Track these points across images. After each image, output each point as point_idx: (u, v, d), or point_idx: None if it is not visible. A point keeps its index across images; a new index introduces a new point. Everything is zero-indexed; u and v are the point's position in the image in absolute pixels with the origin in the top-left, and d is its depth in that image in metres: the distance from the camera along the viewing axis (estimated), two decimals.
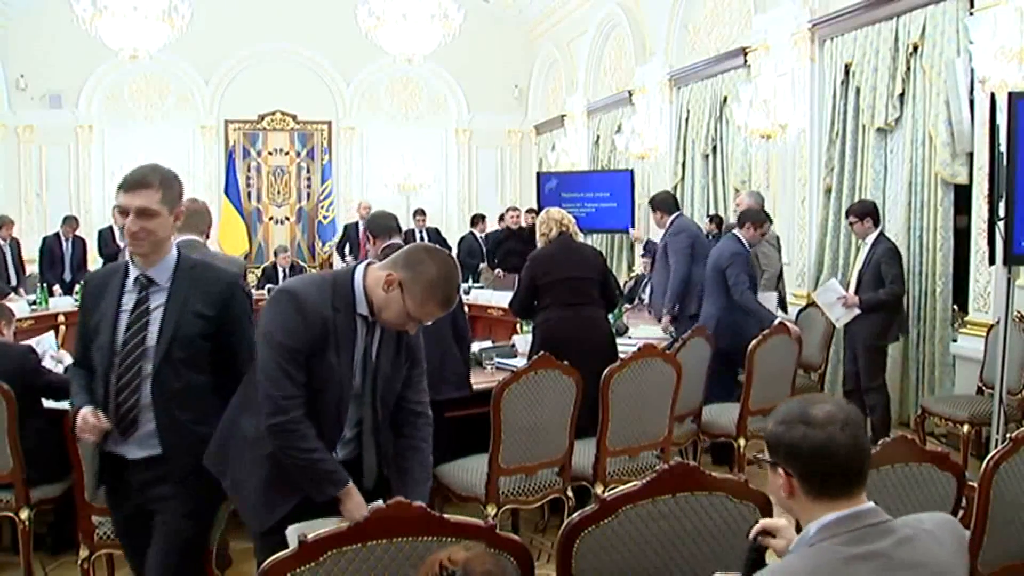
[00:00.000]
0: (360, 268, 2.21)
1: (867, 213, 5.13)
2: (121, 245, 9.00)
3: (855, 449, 1.50)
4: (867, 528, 1.47)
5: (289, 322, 2.11)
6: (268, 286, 9.09)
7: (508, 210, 9.83)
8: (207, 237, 3.74)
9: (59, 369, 3.87)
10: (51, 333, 5.20)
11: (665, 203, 5.88)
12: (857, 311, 4.97)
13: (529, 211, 9.79)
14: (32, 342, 4.15)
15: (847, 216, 5.32)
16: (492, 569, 1.47)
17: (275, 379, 2.10)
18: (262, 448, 2.16)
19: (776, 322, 4.67)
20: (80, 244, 9.19)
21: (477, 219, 10.45)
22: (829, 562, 1.44)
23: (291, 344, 2.11)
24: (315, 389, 2.15)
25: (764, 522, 1.72)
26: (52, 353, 4.29)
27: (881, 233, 5.13)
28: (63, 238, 9.04)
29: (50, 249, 8.98)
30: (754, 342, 4.41)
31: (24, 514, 3.28)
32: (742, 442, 4.45)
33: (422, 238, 9.87)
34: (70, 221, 9.20)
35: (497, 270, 9.21)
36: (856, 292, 5.02)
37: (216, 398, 2.34)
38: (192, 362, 2.31)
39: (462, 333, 3.79)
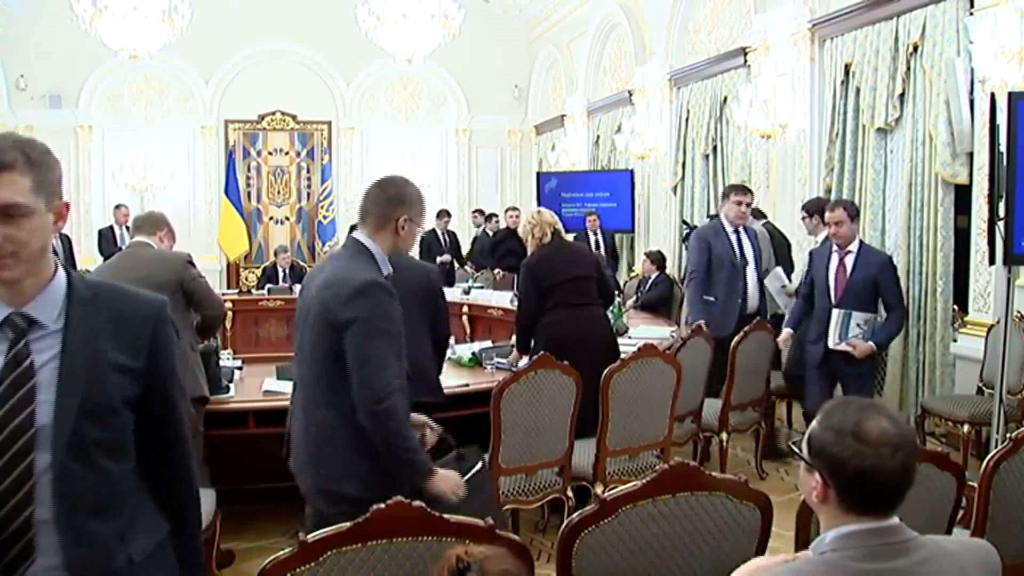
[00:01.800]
0: (362, 238, 2.40)
1: (817, 211, 5.23)
2: (122, 246, 8.99)
3: (902, 475, 1.43)
4: (884, 545, 1.42)
5: (393, 310, 2.29)
6: (268, 286, 9.09)
7: (508, 210, 9.86)
8: (163, 242, 3.70)
9: None
10: None
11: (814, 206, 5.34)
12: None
13: (510, 210, 9.79)
14: None
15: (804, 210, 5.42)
16: (510, 569, 1.44)
17: (385, 364, 2.24)
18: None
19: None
20: (65, 241, 9.05)
21: (490, 217, 10.49)
22: (838, 574, 1.41)
23: (398, 330, 2.30)
24: None
25: None
26: None
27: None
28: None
29: None
30: (736, 338, 4.58)
31: None
32: (724, 436, 4.56)
33: (445, 240, 9.89)
34: None
35: (497, 270, 9.23)
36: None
37: (145, 497, 1.55)
38: (112, 445, 1.46)
39: (444, 335, 3.62)
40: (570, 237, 4.94)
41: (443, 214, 10.21)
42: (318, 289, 2.34)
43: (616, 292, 5.85)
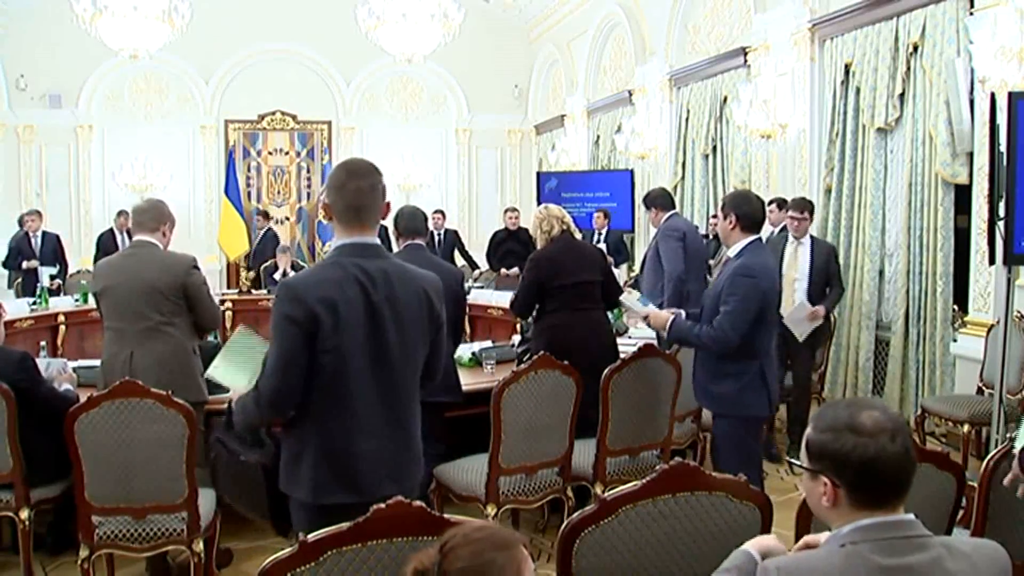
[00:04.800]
0: None
1: (809, 207, 5.21)
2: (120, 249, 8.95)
3: (905, 460, 1.44)
4: (901, 539, 1.42)
5: None
6: (270, 287, 9.06)
7: (506, 211, 9.84)
8: (165, 236, 3.65)
9: (66, 387, 3.58)
10: (62, 361, 4.35)
11: (661, 199, 5.57)
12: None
13: (509, 211, 9.73)
14: (47, 365, 3.80)
15: (790, 209, 5.23)
16: (468, 567, 1.38)
17: None
18: None
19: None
20: (51, 239, 8.84)
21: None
22: (860, 569, 1.40)
23: None
24: None
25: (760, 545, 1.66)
26: (59, 372, 3.77)
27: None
28: (30, 234, 8.82)
29: (18, 246, 8.76)
30: None
31: (24, 514, 3.27)
32: None
33: (441, 239, 9.87)
34: (32, 215, 8.82)
35: (501, 268, 9.23)
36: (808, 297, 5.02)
37: None
38: None
39: (460, 334, 3.80)
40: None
41: (436, 213, 10.16)
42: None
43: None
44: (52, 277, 8.45)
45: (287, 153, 12.04)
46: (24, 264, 8.50)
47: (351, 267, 2.24)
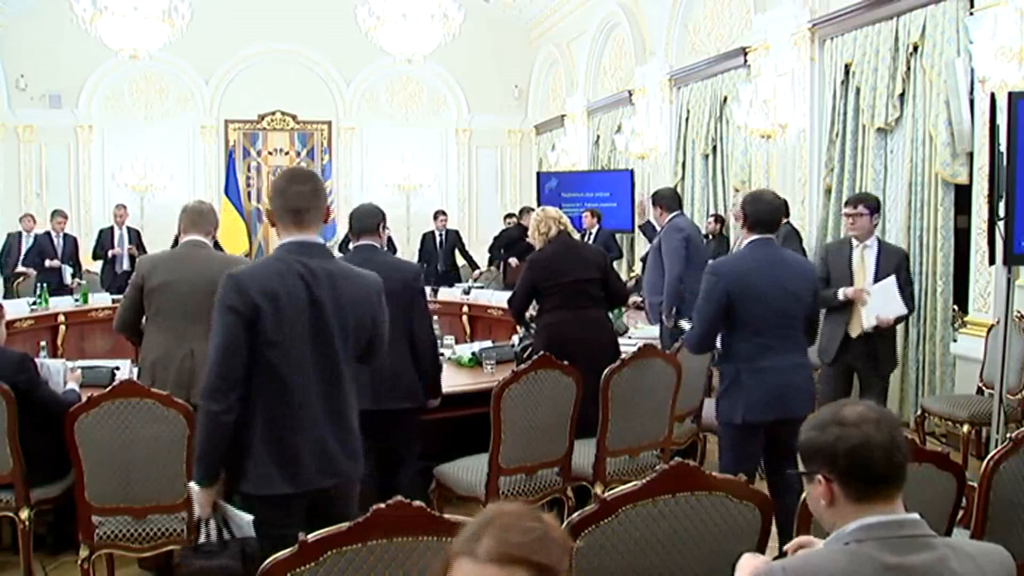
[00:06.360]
0: None
1: (865, 202, 4.54)
2: (119, 248, 8.95)
3: (892, 447, 1.46)
4: (906, 538, 1.43)
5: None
6: None
7: (523, 210, 9.84)
8: (213, 238, 3.72)
9: (71, 386, 3.59)
10: (61, 361, 4.14)
11: (668, 199, 5.62)
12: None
13: (526, 210, 9.74)
14: (40, 365, 3.59)
15: (849, 206, 4.46)
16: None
17: None
18: None
19: None
20: (71, 240, 8.99)
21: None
22: (865, 567, 1.41)
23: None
24: None
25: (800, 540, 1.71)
26: (55, 377, 3.63)
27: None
28: (52, 234, 8.92)
29: (39, 245, 8.83)
30: None
31: (24, 514, 3.27)
32: None
33: (442, 239, 9.87)
34: (59, 217, 8.97)
35: (512, 259, 9.21)
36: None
37: None
38: None
39: (424, 337, 3.50)
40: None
41: (439, 214, 10.21)
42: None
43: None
44: (73, 276, 8.66)
45: (287, 153, 12.04)
46: (47, 263, 8.64)
47: (294, 263, 2.33)
